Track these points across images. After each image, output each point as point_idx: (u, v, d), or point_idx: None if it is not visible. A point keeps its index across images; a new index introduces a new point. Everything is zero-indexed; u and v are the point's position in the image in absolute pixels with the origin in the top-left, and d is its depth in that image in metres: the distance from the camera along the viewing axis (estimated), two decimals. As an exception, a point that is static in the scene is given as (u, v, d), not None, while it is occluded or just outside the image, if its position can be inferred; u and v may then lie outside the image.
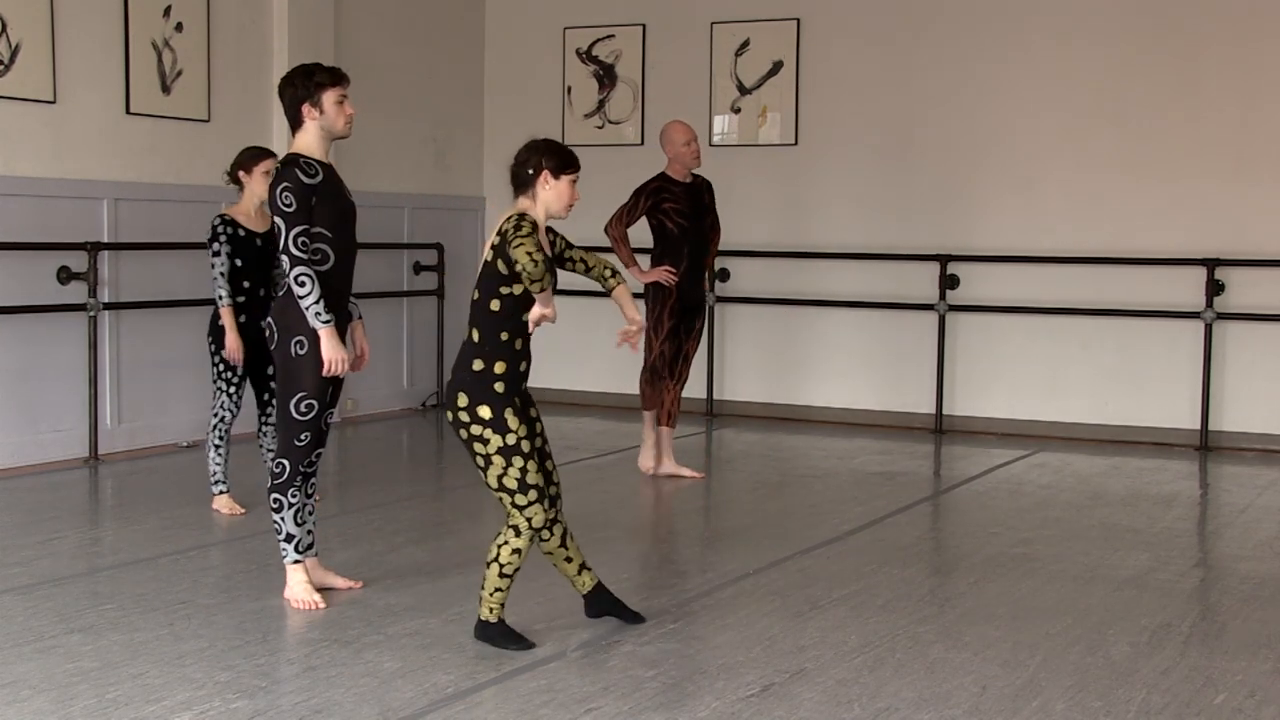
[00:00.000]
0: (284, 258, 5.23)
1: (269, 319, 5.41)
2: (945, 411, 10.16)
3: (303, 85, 5.38)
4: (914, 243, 10.22)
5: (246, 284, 6.88)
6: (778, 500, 7.75)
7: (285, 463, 5.39)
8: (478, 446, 4.80)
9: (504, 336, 4.81)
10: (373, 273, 10.44)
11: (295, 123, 5.40)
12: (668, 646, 4.97)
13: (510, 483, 4.78)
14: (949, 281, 10.05)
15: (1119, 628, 5.23)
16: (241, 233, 6.86)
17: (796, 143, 10.60)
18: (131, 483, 8.00)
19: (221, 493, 7.05)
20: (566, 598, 5.50)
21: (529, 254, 4.62)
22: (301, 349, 5.30)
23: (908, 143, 10.30)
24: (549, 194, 4.91)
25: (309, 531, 5.60)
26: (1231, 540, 6.83)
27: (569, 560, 5.12)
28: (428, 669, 4.67)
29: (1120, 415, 9.76)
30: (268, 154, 6.96)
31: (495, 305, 4.80)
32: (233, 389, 6.96)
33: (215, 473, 7.03)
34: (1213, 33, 9.48)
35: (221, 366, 6.91)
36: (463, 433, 4.82)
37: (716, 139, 10.78)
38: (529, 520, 4.81)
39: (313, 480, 5.55)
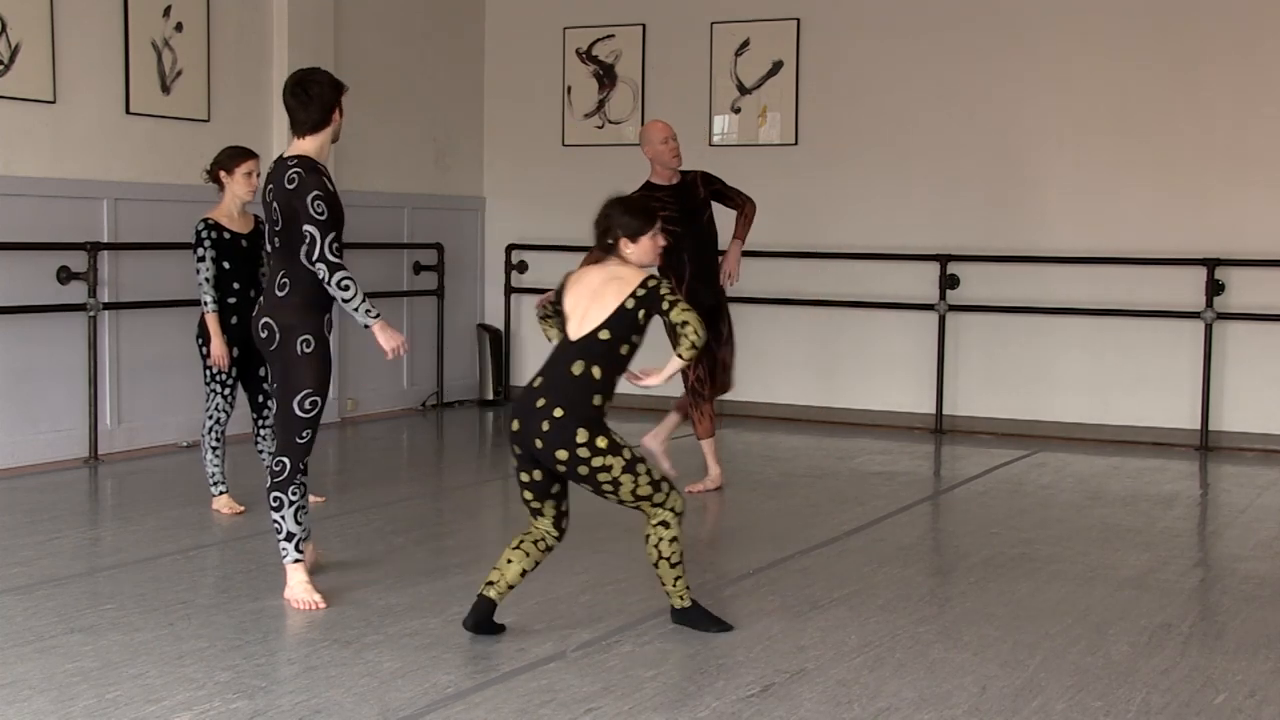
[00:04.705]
0: (321, 265, 5.21)
1: (267, 319, 5.36)
2: (945, 411, 10.16)
3: (333, 89, 5.40)
4: (914, 243, 10.22)
5: (236, 285, 6.86)
6: (778, 500, 7.74)
7: (286, 461, 5.38)
8: (602, 476, 4.85)
9: (616, 380, 4.95)
10: (373, 273, 10.43)
11: (319, 125, 5.37)
12: (668, 646, 4.97)
13: (644, 490, 4.90)
14: (949, 281, 10.05)
15: (1119, 628, 5.23)
16: (226, 235, 6.83)
17: (796, 143, 10.60)
18: (131, 483, 8.00)
19: (221, 493, 7.05)
20: (566, 597, 5.50)
21: (697, 326, 4.83)
22: (308, 347, 5.31)
23: (908, 143, 10.30)
24: (635, 254, 5.01)
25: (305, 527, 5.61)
26: (1231, 540, 6.83)
27: (518, 568, 5.00)
28: (428, 669, 4.67)
29: (1120, 415, 9.76)
30: (249, 154, 6.91)
31: (624, 350, 4.92)
32: (226, 390, 6.95)
33: (213, 474, 7.03)
34: (1213, 33, 9.48)
35: (215, 369, 6.90)
36: (582, 469, 4.83)
37: (716, 139, 10.78)
38: (673, 509, 4.97)
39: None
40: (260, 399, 6.99)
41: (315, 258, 5.23)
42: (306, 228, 5.23)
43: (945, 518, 7.47)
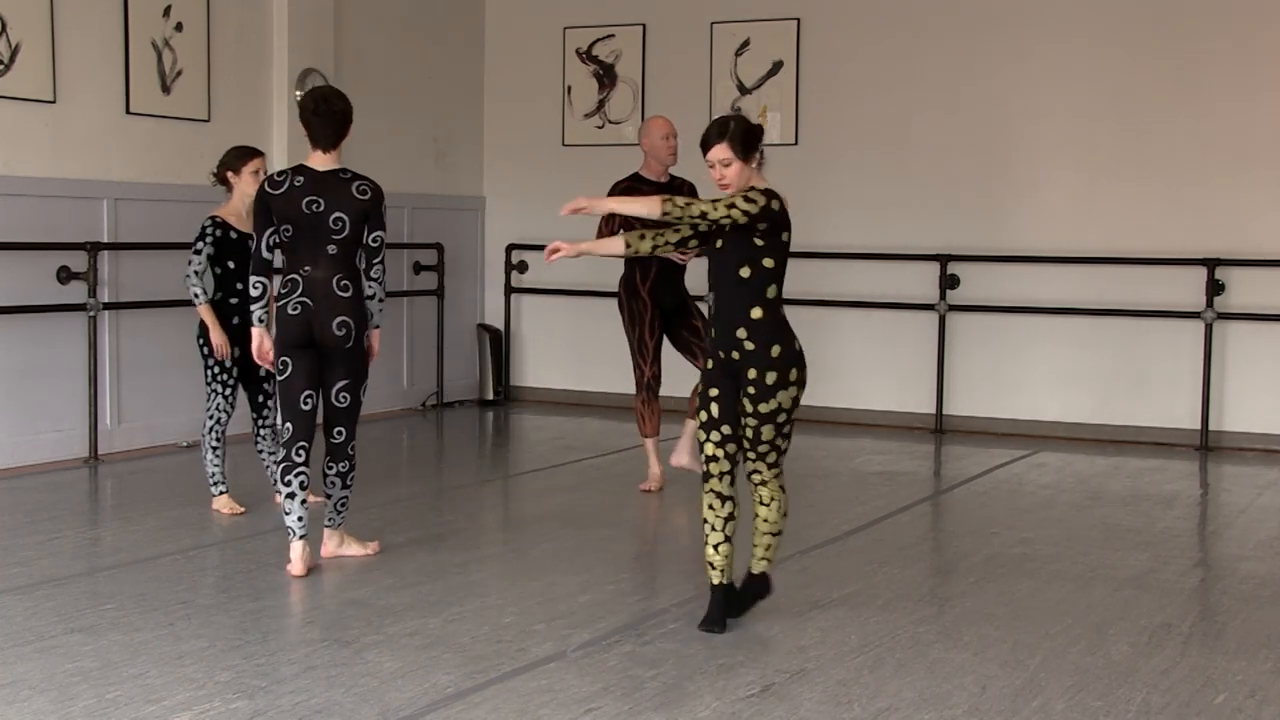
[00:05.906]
0: (379, 266, 5.87)
1: (344, 319, 5.77)
2: (945, 411, 10.16)
3: (349, 105, 5.98)
4: (914, 243, 10.22)
5: (239, 285, 6.86)
6: (778, 500, 7.73)
7: (354, 444, 5.99)
8: None
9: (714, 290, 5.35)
10: (373, 273, 10.42)
11: (341, 140, 5.94)
12: (668, 646, 4.97)
13: None
14: (949, 281, 10.05)
15: (1119, 628, 5.23)
16: (233, 235, 6.83)
17: (796, 143, 10.60)
18: (131, 483, 7.99)
19: (221, 493, 7.04)
20: (566, 597, 5.50)
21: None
22: (364, 341, 5.90)
23: (908, 143, 10.29)
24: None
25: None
26: (1231, 540, 6.83)
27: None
28: (428, 669, 4.68)
29: (1120, 415, 9.76)
30: (255, 153, 6.93)
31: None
32: (227, 390, 6.94)
33: (213, 474, 7.03)
34: (1213, 32, 9.47)
35: (217, 369, 6.90)
36: None
37: (716, 139, 10.77)
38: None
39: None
40: (260, 399, 6.99)
41: (378, 259, 5.88)
42: (379, 233, 5.88)
43: (945, 518, 7.47)
